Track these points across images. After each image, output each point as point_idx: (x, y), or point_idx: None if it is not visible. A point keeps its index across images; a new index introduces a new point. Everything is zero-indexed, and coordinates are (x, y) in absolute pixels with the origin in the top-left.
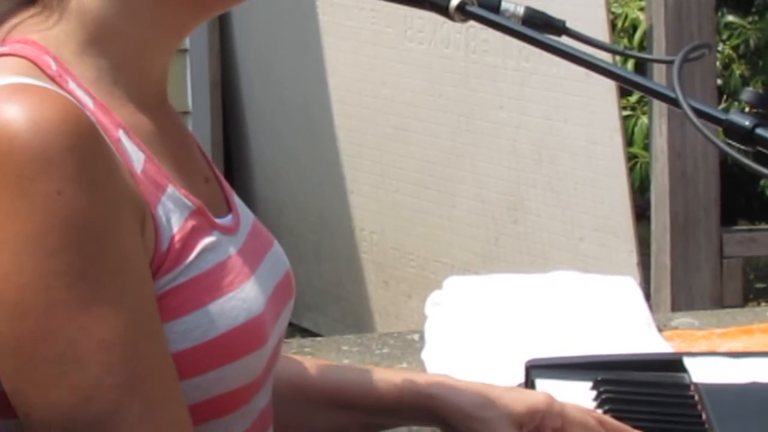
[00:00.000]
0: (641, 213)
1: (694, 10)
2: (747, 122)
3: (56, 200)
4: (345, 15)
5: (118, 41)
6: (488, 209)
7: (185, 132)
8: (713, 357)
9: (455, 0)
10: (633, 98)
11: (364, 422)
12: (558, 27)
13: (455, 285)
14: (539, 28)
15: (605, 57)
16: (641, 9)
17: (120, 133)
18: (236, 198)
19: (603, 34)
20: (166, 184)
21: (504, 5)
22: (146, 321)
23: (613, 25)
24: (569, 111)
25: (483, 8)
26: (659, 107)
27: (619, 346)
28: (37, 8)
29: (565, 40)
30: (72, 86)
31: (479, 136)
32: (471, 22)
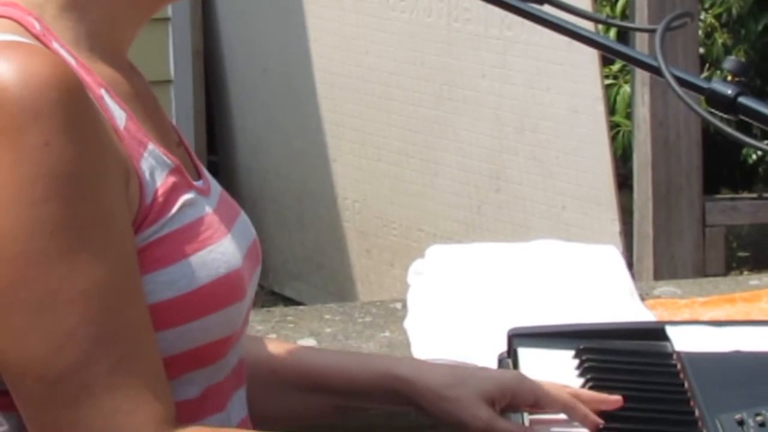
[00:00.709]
0: (623, 182)
1: None
2: (729, 91)
3: (43, 151)
4: None
5: (94, 9)
6: (471, 178)
7: (155, 100)
8: (696, 326)
9: None
10: (615, 67)
11: (337, 404)
12: None
13: (438, 254)
14: None
15: (587, 26)
16: None
17: (102, 92)
18: (204, 168)
19: (585, 3)
20: (147, 142)
21: None
22: (125, 274)
23: None
24: (551, 80)
25: None
26: (641, 76)
27: (602, 315)
28: None
29: (548, 9)
30: (55, 46)
31: (462, 105)
32: None
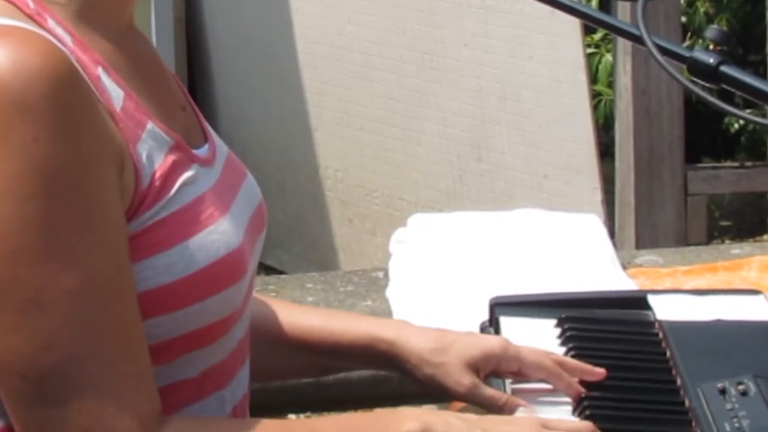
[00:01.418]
0: (605, 150)
1: None
2: (711, 60)
3: (32, 146)
4: None
5: None
6: (453, 147)
7: (160, 63)
8: (677, 294)
9: None
10: (597, 36)
11: (321, 364)
12: None
13: (419, 222)
14: None
15: None
16: None
17: (99, 71)
18: (210, 128)
19: None
20: (146, 120)
21: None
22: (114, 272)
23: None
24: (533, 49)
25: None
26: (623, 45)
27: (583, 284)
28: None
29: None
30: (51, 24)
31: (443, 74)
32: None
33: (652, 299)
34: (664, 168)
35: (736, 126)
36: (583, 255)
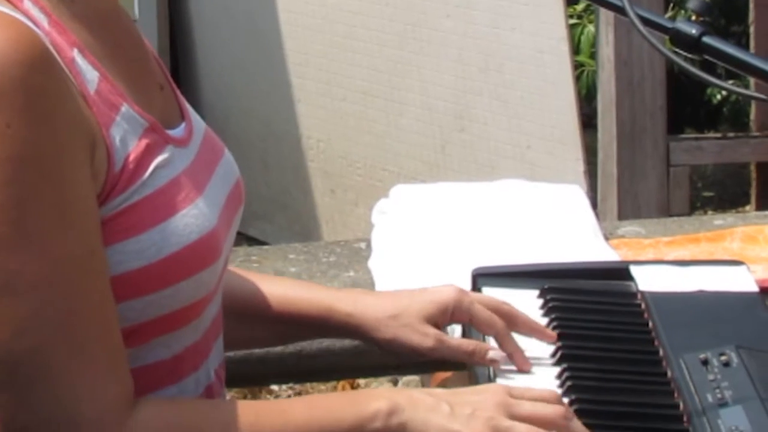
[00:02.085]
0: (588, 121)
1: None
2: (693, 30)
3: (5, 133)
4: None
5: None
6: (435, 118)
7: (141, 43)
8: (660, 265)
9: None
10: (579, 6)
11: (284, 333)
12: None
13: (402, 193)
14: None
15: None
16: None
17: (74, 53)
18: (188, 106)
19: None
20: (120, 103)
21: None
22: (87, 257)
23: None
24: (516, 19)
25: None
26: (606, 16)
27: (566, 255)
28: None
29: None
30: (27, 5)
31: (426, 45)
32: None
33: (635, 270)
34: (647, 139)
35: (719, 97)
36: (566, 226)
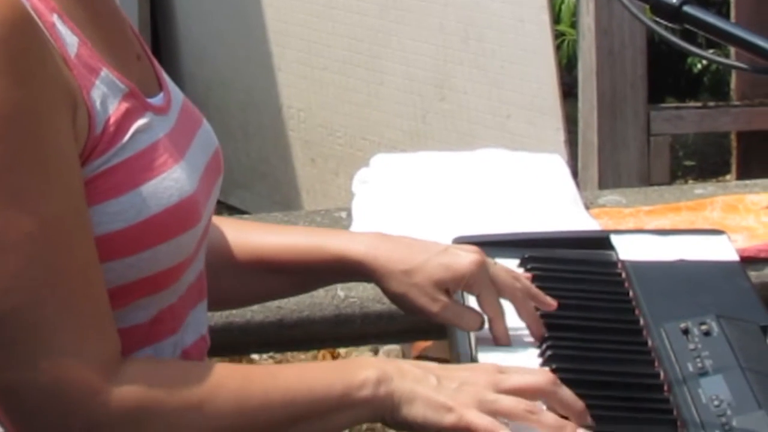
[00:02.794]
0: (568, 90)
1: None
2: (674, 0)
3: None
4: None
5: None
6: (416, 87)
7: (118, 13)
8: (640, 234)
9: None
10: None
11: (295, 282)
12: None
13: (382, 162)
14: None
15: None
16: None
17: (54, 18)
18: (166, 76)
19: None
20: (100, 68)
21: None
22: (72, 215)
23: None
24: None
25: None
26: None
27: (547, 224)
28: None
29: None
30: None
31: (406, 14)
32: None
33: (615, 239)
34: (627, 108)
35: (699, 66)
36: (546, 195)
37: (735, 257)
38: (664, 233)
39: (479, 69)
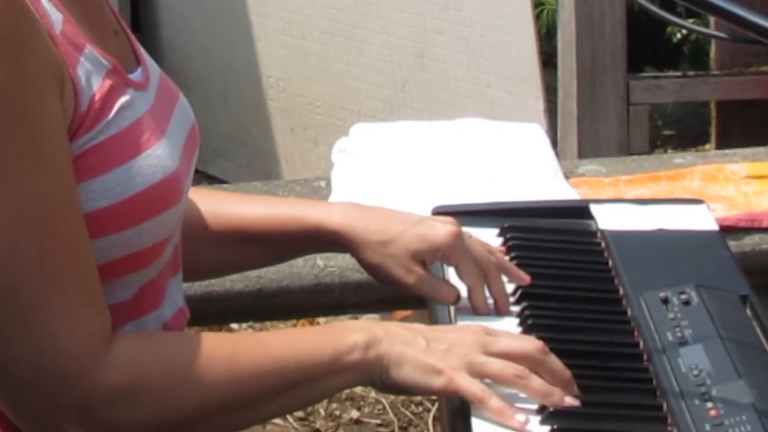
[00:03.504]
0: (548, 60)
1: None
2: None
3: None
4: None
5: None
6: (395, 56)
7: None
8: (620, 204)
9: None
10: None
11: (272, 252)
12: None
13: (362, 132)
14: None
15: None
16: None
17: None
18: (143, 51)
19: None
20: (84, 44)
21: None
22: (62, 192)
23: None
24: None
25: None
26: None
27: (526, 193)
28: None
29: None
30: None
31: None
32: None
33: (595, 208)
34: (607, 77)
35: (679, 36)
36: (526, 164)
37: (714, 227)
38: (644, 203)
39: (459, 38)
